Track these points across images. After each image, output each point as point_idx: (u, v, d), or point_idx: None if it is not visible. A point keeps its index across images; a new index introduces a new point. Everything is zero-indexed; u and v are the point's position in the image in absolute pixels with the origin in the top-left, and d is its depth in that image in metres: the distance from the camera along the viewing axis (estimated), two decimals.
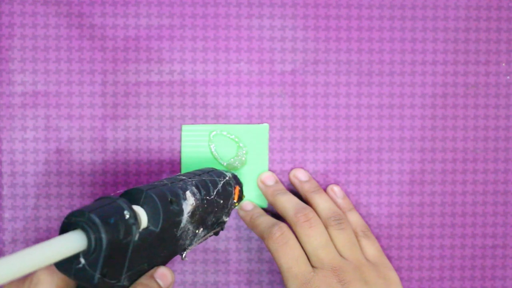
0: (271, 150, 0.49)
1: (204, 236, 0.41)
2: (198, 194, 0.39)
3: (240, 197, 0.46)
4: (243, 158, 0.48)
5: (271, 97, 0.49)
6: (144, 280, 0.35)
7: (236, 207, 0.48)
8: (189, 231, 0.39)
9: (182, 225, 0.37)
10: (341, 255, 0.43)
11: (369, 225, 0.49)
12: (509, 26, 0.50)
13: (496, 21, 0.50)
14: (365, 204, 0.49)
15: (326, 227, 0.45)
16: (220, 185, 0.42)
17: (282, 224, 0.43)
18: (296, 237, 0.44)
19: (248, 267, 0.49)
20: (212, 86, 0.48)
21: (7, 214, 0.47)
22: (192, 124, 0.48)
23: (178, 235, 0.38)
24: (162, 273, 0.36)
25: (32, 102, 0.47)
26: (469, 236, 0.50)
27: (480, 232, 0.50)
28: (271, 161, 0.49)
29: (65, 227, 0.32)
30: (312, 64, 0.49)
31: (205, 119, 0.48)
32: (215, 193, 0.41)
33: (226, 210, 0.43)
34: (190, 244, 0.40)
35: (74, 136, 0.47)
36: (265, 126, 0.49)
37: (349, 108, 0.49)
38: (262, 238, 0.44)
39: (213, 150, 0.48)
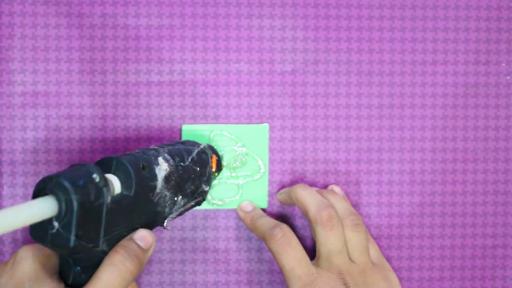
0: (271, 150, 0.49)
1: (184, 205, 0.41)
2: (171, 161, 0.39)
3: (219, 167, 0.46)
4: (243, 158, 0.48)
5: (271, 97, 0.49)
6: (124, 242, 0.35)
7: (218, 176, 0.47)
8: (166, 197, 0.39)
9: (157, 190, 0.37)
10: (350, 257, 0.43)
11: (369, 225, 0.49)
12: (509, 26, 0.50)
13: (496, 21, 0.50)
14: (365, 204, 0.49)
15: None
16: (194, 153, 0.42)
17: (283, 225, 0.43)
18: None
19: (248, 267, 0.49)
20: (212, 86, 0.48)
21: None
22: (192, 124, 0.48)
23: (155, 200, 0.38)
24: (142, 235, 0.36)
25: (32, 102, 0.47)
26: (469, 236, 0.50)
27: (480, 232, 0.50)
28: (271, 161, 0.49)
29: (36, 195, 0.31)
30: (312, 64, 0.49)
31: (205, 119, 0.48)
32: (190, 160, 0.41)
33: (205, 179, 0.43)
34: (170, 213, 0.40)
35: (74, 136, 0.47)
36: (265, 126, 0.49)
37: (349, 108, 0.49)
38: (263, 239, 0.44)
39: None
